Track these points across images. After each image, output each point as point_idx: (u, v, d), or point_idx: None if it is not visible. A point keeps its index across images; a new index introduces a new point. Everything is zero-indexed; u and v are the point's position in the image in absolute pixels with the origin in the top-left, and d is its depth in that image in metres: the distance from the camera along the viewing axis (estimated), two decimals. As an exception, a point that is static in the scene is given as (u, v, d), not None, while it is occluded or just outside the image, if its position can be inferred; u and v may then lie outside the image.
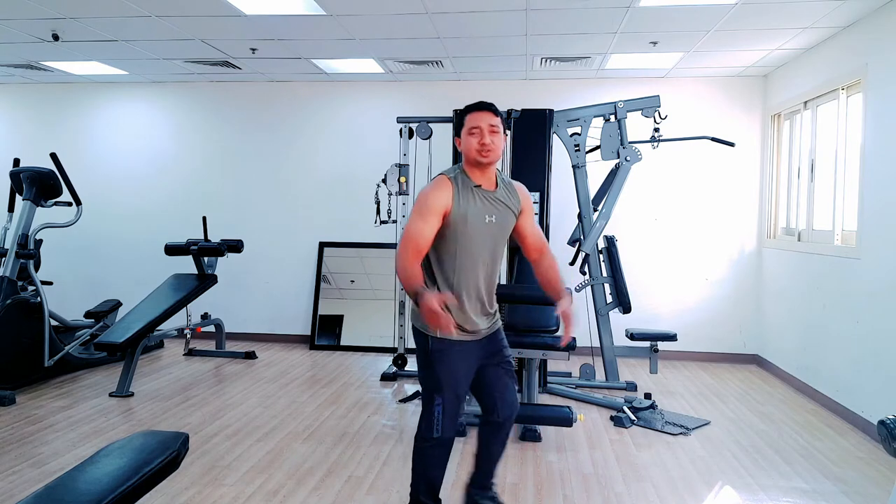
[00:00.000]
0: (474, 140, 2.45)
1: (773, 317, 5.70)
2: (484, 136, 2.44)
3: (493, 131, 2.46)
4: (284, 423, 4.13)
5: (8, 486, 3.12)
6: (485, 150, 2.44)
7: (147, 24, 4.71)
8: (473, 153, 2.46)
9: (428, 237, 2.43)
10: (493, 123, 2.47)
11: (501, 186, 2.55)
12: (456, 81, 6.37)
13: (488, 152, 2.44)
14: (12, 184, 5.17)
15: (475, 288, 2.53)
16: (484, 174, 2.51)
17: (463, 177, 2.51)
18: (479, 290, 2.55)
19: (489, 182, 2.53)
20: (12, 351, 4.69)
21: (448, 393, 2.52)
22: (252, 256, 6.46)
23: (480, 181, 2.51)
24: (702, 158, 6.04)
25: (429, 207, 2.43)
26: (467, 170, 2.52)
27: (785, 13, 4.26)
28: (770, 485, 3.29)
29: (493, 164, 2.52)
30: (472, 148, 2.46)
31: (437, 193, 2.45)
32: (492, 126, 2.46)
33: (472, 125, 2.47)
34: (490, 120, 2.47)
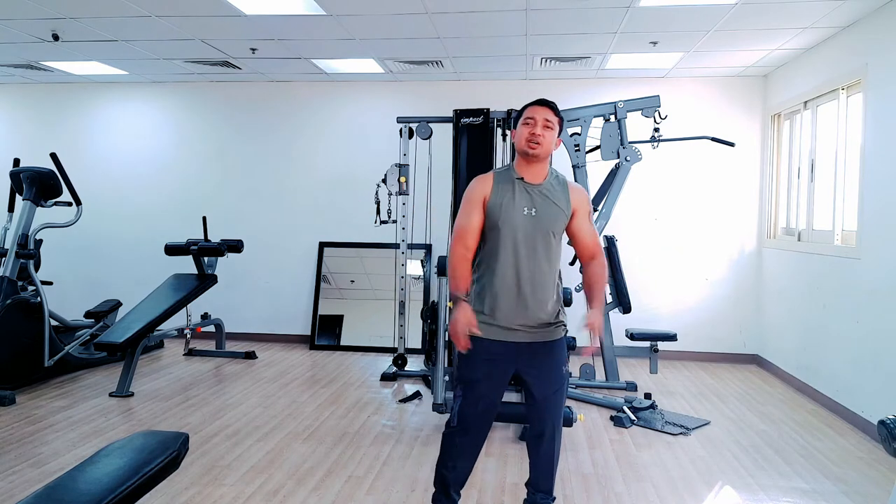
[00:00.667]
0: (526, 130, 2.46)
1: (773, 317, 5.70)
2: (536, 127, 2.45)
3: (547, 126, 2.46)
4: (284, 423, 4.13)
5: (8, 486, 3.12)
6: (534, 139, 2.43)
7: (147, 24, 4.71)
8: (523, 143, 2.46)
9: (473, 229, 2.46)
10: (548, 118, 2.47)
11: (551, 182, 2.50)
12: (456, 81, 6.37)
13: (537, 144, 2.43)
14: (12, 184, 5.16)
15: (514, 283, 2.43)
16: (531, 167, 2.49)
17: (509, 170, 2.53)
18: (520, 286, 2.43)
19: (535, 176, 2.49)
20: (12, 351, 4.69)
21: (467, 390, 2.50)
22: (252, 256, 6.46)
23: (525, 174, 2.49)
24: (702, 158, 6.04)
25: (468, 199, 2.50)
26: (516, 163, 2.53)
27: (785, 13, 4.26)
28: (770, 485, 3.30)
29: (543, 159, 2.48)
30: (523, 137, 2.46)
31: (476, 185, 2.51)
32: (546, 121, 2.46)
33: (528, 116, 2.49)
34: (546, 114, 2.48)
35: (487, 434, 2.59)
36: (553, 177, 2.52)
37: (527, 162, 2.48)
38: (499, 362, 2.48)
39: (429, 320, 4.68)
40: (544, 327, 2.49)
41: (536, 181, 2.48)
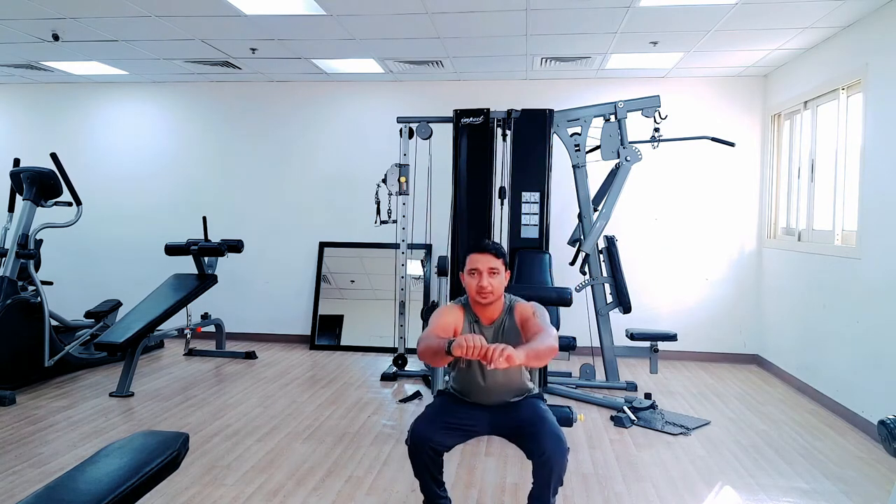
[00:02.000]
0: (473, 282, 2.59)
1: (773, 317, 5.70)
2: (482, 279, 2.56)
3: (493, 273, 2.58)
4: (284, 423, 4.13)
5: (8, 486, 3.12)
6: (483, 292, 2.58)
7: (147, 24, 4.71)
8: (473, 293, 2.61)
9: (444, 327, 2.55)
10: (492, 266, 2.58)
11: (504, 317, 2.65)
12: (456, 81, 6.37)
13: (488, 294, 2.58)
14: (12, 184, 5.16)
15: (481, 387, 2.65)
16: (484, 311, 2.65)
17: (467, 307, 2.69)
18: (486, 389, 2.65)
19: (489, 317, 2.65)
20: (12, 351, 4.69)
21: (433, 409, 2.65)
22: (252, 256, 6.47)
23: (481, 316, 2.66)
24: (702, 158, 6.04)
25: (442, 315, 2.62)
26: (471, 304, 2.68)
27: (785, 13, 4.26)
28: (770, 485, 3.30)
29: (494, 302, 2.63)
30: (472, 289, 2.61)
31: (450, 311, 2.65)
32: (491, 269, 2.58)
33: (472, 267, 2.60)
34: (490, 263, 2.58)
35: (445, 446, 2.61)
36: (505, 311, 2.66)
37: (481, 306, 2.64)
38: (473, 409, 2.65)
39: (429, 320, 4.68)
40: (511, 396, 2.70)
41: (490, 322, 2.66)
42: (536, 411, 2.58)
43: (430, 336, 2.46)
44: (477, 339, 2.19)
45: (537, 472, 2.42)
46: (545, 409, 2.64)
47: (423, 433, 2.52)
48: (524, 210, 4.82)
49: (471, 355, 2.19)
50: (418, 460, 2.55)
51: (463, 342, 2.19)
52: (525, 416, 2.57)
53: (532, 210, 4.82)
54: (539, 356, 2.34)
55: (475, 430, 2.67)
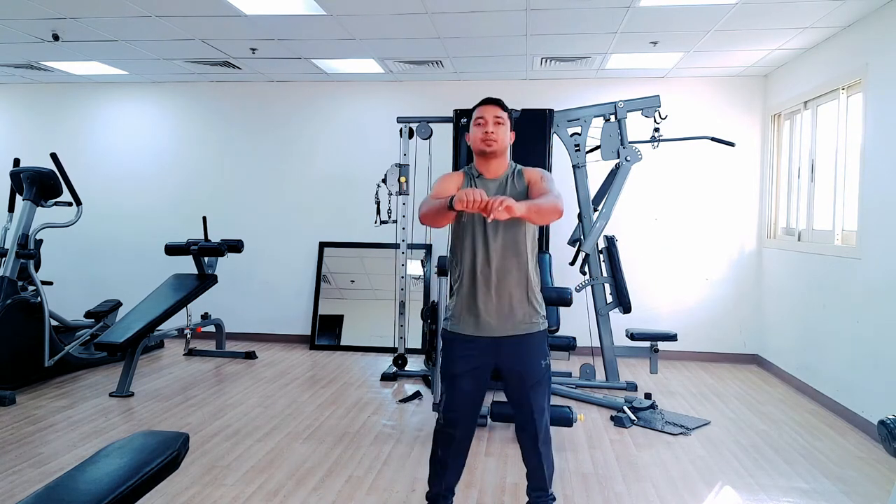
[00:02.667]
0: (479, 130, 2.54)
1: (773, 317, 5.70)
2: (488, 126, 2.52)
3: (498, 122, 2.54)
4: (284, 423, 4.13)
5: (8, 486, 3.12)
6: (489, 139, 2.52)
7: (147, 24, 4.71)
8: (478, 143, 2.55)
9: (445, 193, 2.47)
10: (497, 115, 2.54)
11: (509, 175, 2.58)
12: (456, 81, 6.37)
13: (492, 142, 2.52)
14: (12, 184, 5.16)
15: (484, 277, 2.49)
16: (489, 164, 2.57)
17: (470, 169, 2.63)
18: (489, 279, 2.48)
19: (494, 172, 2.58)
20: (12, 351, 4.69)
21: (450, 386, 2.56)
22: (252, 256, 6.46)
23: (485, 171, 2.59)
24: (702, 158, 6.04)
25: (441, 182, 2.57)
26: (476, 162, 2.63)
27: (785, 13, 4.26)
28: (770, 485, 3.30)
29: (499, 156, 2.57)
30: (477, 138, 2.54)
31: (448, 177, 2.61)
32: (497, 117, 2.54)
33: (478, 116, 2.56)
34: (495, 112, 2.55)
35: (475, 428, 2.64)
36: (511, 169, 2.61)
37: (485, 159, 2.57)
38: (478, 357, 2.53)
39: (429, 320, 4.68)
40: (520, 319, 2.52)
41: (495, 176, 2.58)
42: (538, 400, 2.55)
43: (430, 200, 2.43)
44: (477, 193, 2.17)
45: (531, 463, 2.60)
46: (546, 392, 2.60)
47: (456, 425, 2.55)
48: (524, 210, 4.81)
49: (472, 207, 2.17)
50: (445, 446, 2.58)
51: (464, 196, 2.17)
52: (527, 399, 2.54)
53: (532, 210, 4.80)
54: (541, 212, 2.31)
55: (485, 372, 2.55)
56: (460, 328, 2.54)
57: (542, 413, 2.58)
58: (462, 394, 2.55)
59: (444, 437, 2.59)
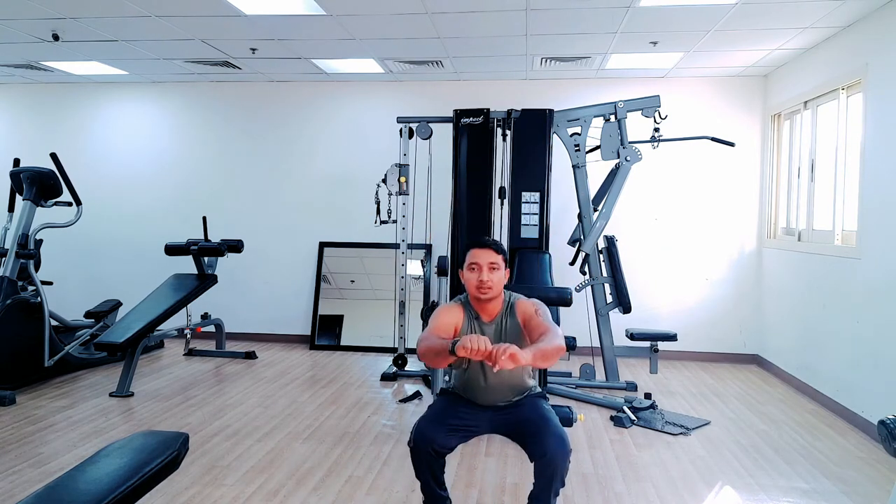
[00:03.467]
0: (474, 277, 2.57)
1: (773, 317, 5.70)
2: (482, 274, 2.55)
3: (493, 268, 2.56)
4: (284, 423, 4.13)
5: (8, 486, 3.12)
6: (483, 287, 2.56)
7: (147, 24, 4.71)
8: (473, 290, 2.59)
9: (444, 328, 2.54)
10: (492, 261, 2.57)
11: (504, 314, 2.63)
12: (456, 81, 6.37)
13: (487, 289, 2.56)
14: (12, 184, 5.16)
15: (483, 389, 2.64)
16: (485, 307, 2.63)
17: (467, 305, 2.67)
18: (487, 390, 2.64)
19: (490, 314, 2.64)
20: (12, 351, 4.69)
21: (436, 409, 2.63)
22: (252, 256, 6.46)
23: (482, 313, 2.64)
24: (702, 158, 6.04)
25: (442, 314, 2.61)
26: (471, 301, 2.67)
27: (785, 13, 4.26)
28: (770, 485, 3.30)
29: (494, 298, 2.61)
30: (472, 285, 2.59)
31: (450, 310, 2.64)
32: (491, 263, 2.56)
33: (472, 262, 2.59)
34: (490, 258, 2.57)
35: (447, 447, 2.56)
36: (505, 307, 2.64)
37: (481, 303, 2.62)
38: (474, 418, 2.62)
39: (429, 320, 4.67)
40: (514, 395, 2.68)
41: (491, 318, 2.64)
42: (539, 411, 2.57)
43: (430, 336, 2.44)
44: (482, 341, 2.17)
45: (539, 473, 2.42)
46: (548, 408, 2.63)
47: (427, 435, 2.49)
48: (524, 210, 4.82)
49: (475, 356, 2.17)
50: (421, 461, 2.53)
51: (468, 343, 2.16)
52: (528, 415, 2.56)
53: (532, 210, 4.82)
54: (546, 356, 2.31)
55: (477, 430, 2.66)
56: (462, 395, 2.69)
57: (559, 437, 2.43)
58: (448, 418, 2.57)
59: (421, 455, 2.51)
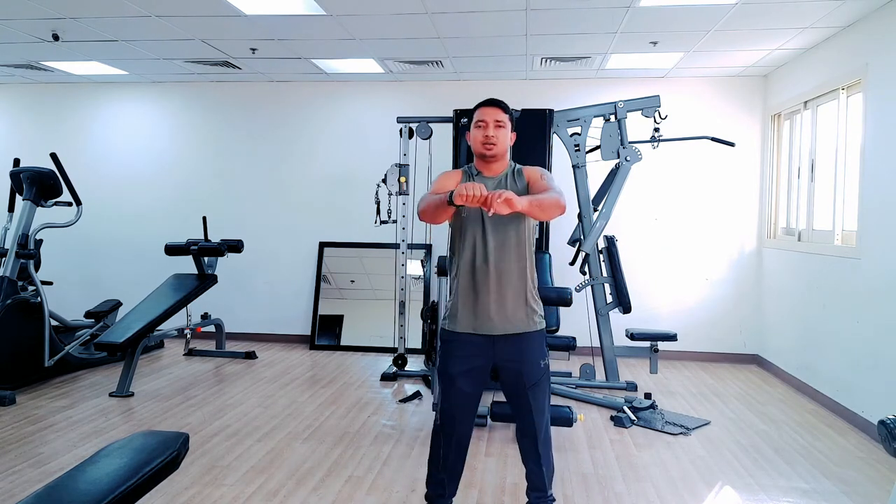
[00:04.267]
0: (479, 133, 2.55)
1: (773, 317, 5.70)
2: (488, 129, 2.53)
3: (499, 126, 2.54)
4: (284, 423, 4.13)
5: (8, 486, 3.12)
6: (489, 142, 2.53)
7: (147, 24, 4.71)
8: (478, 146, 2.56)
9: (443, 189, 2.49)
10: (498, 119, 2.54)
11: (508, 174, 2.60)
12: (456, 81, 6.37)
13: (492, 145, 2.53)
14: (12, 184, 5.16)
15: (483, 275, 2.49)
16: (489, 166, 2.59)
17: (470, 168, 2.65)
18: (488, 277, 2.48)
19: (493, 171, 2.60)
20: (12, 351, 4.69)
21: (448, 386, 2.56)
22: (252, 256, 6.46)
23: (484, 170, 2.61)
24: (702, 158, 6.04)
25: (440, 181, 2.58)
26: (475, 163, 2.65)
27: (785, 13, 4.26)
28: (770, 485, 3.30)
29: (499, 157, 2.58)
30: (478, 140, 2.56)
31: (447, 175, 2.62)
32: (497, 121, 2.54)
33: (479, 119, 2.57)
34: (496, 115, 2.55)
35: (472, 427, 2.63)
36: (510, 168, 2.62)
37: (485, 161, 2.59)
38: (476, 356, 2.53)
39: (429, 320, 4.68)
40: (518, 317, 2.52)
41: (494, 174, 2.60)
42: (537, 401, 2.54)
43: (429, 196, 2.44)
44: (477, 187, 2.16)
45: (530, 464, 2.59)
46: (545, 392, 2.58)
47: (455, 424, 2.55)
48: (524, 210, 4.80)
49: (472, 202, 2.17)
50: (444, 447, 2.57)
51: (463, 189, 2.16)
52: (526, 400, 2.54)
53: (532, 210, 4.80)
54: (542, 206, 2.31)
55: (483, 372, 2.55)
56: (458, 327, 2.54)
57: (542, 414, 2.57)
58: (460, 393, 2.54)
59: (443, 437, 2.58)
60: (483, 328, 2.50)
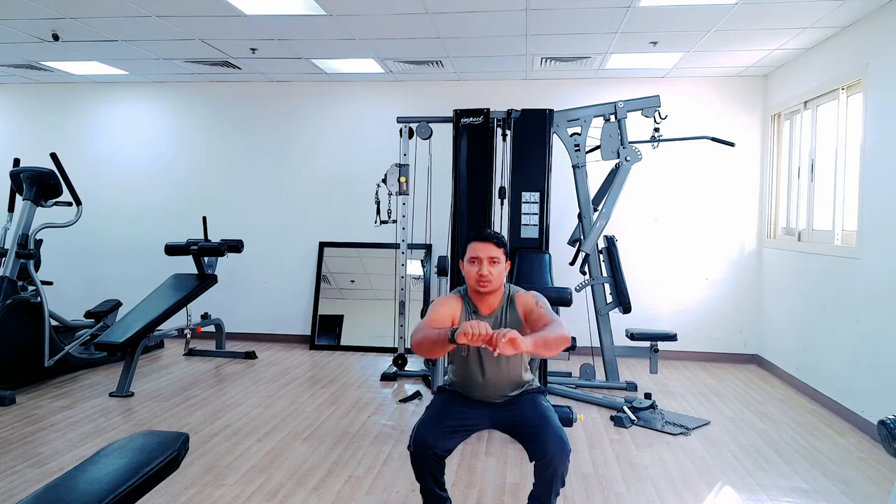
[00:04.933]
0: (474, 270, 2.57)
1: (773, 317, 5.70)
2: (482, 268, 2.55)
3: (493, 262, 2.56)
4: (284, 423, 4.13)
5: (8, 486, 3.12)
6: (483, 280, 2.56)
7: (147, 24, 4.71)
8: (473, 283, 2.59)
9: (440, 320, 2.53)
10: (493, 255, 2.57)
11: (503, 308, 2.63)
12: (456, 81, 6.37)
13: (487, 283, 2.56)
14: (12, 184, 5.16)
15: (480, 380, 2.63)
16: (483, 301, 2.63)
17: (466, 297, 2.67)
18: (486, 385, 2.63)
19: (488, 307, 2.63)
20: (12, 351, 4.69)
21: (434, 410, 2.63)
22: (252, 256, 6.46)
23: (481, 306, 2.63)
24: (702, 158, 6.04)
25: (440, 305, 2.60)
26: (470, 293, 2.66)
27: (785, 13, 4.26)
28: (770, 485, 3.30)
29: (494, 292, 2.61)
30: (472, 277, 2.59)
31: (448, 301, 2.63)
32: (492, 258, 2.56)
33: (473, 255, 2.59)
34: (491, 252, 2.57)
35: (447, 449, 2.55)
36: (504, 299, 2.64)
37: (480, 295, 2.62)
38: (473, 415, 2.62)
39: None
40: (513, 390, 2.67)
41: (490, 311, 2.62)
42: (539, 410, 2.55)
43: (426, 327, 2.43)
44: (482, 326, 2.16)
45: (539, 473, 2.42)
46: (548, 406, 2.61)
47: (427, 439, 2.48)
48: (524, 210, 4.81)
49: (476, 342, 2.16)
50: (421, 465, 2.52)
51: (468, 329, 2.14)
52: (528, 415, 2.54)
53: (532, 210, 4.81)
54: (548, 344, 2.29)
55: (476, 427, 2.65)
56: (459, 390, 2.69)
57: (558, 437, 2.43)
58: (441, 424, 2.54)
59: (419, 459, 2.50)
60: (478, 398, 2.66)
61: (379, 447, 3.74)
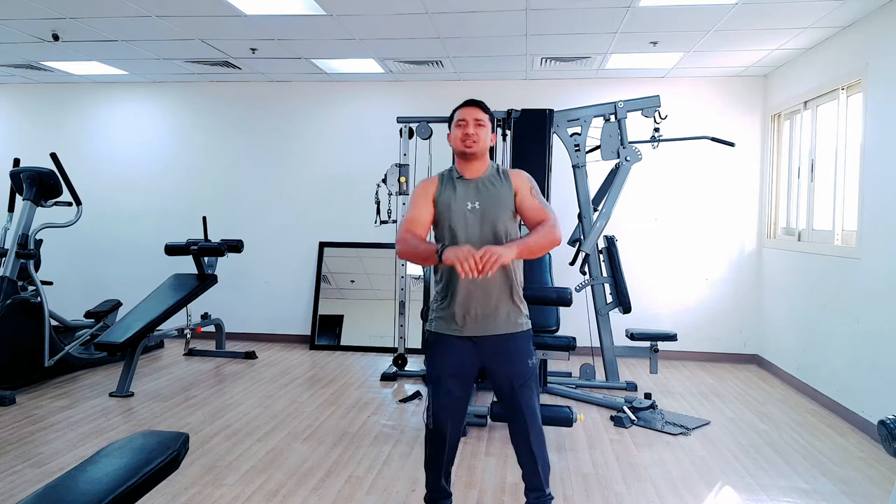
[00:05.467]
0: (459, 132, 2.57)
1: (773, 317, 5.70)
2: (468, 128, 2.55)
3: (479, 124, 2.57)
4: (284, 423, 4.13)
5: (8, 486, 3.12)
6: (469, 140, 2.54)
7: (147, 24, 4.71)
8: (459, 144, 2.57)
9: (423, 220, 2.53)
10: (478, 118, 2.57)
11: (490, 175, 2.59)
12: (456, 81, 6.37)
13: (472, 143, 2.54)
14: (12, 184, 5.17)
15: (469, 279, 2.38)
16: (470, 165, 2.59)
17: (450, 171, 2.65)
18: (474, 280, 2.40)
19: (474, 172, 2.59)
20: (12, 351, 4.69)
21: (437, 388, 2.57)
22: (252, 256, 6.46)
23: (465, 172, 2.59)
24: (702, 158, 6.04)
25: (417, 196, 2.59)
26: (456, 164, 2.65)
27: (785, 13, 4.26)
28: (770, 485, 3.30)
29: (481, 157, 2.59)
30: (458, 139, 2.57)
31: (423, 184, 2.63)
32: (477, 120, 2.57)
33: (459, 118, 2.60)
34: (476, 114, 2.58)
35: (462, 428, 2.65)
36: (493, 169, 2.62)
37: (466, 161, 2.59)
38: (463, 357, 2.54)
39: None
40: (503, 318, 2.52)
41: (476, 176, 2.58)
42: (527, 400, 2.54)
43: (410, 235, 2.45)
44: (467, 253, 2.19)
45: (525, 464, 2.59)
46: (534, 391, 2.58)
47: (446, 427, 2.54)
48: (524, 210, 4.81)
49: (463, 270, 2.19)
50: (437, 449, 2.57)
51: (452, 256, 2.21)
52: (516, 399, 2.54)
53: (532, 210, 4.80)
54: (532, 249, 2.37)
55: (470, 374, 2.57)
56: (444, 329, 2.54)
57: (533, 413, 2.57)
58: (449, 396, 2.54)
59: (437, 440, 2.58)
60: (468, 330, 2.51)
61: (379, 447, 3.74)
